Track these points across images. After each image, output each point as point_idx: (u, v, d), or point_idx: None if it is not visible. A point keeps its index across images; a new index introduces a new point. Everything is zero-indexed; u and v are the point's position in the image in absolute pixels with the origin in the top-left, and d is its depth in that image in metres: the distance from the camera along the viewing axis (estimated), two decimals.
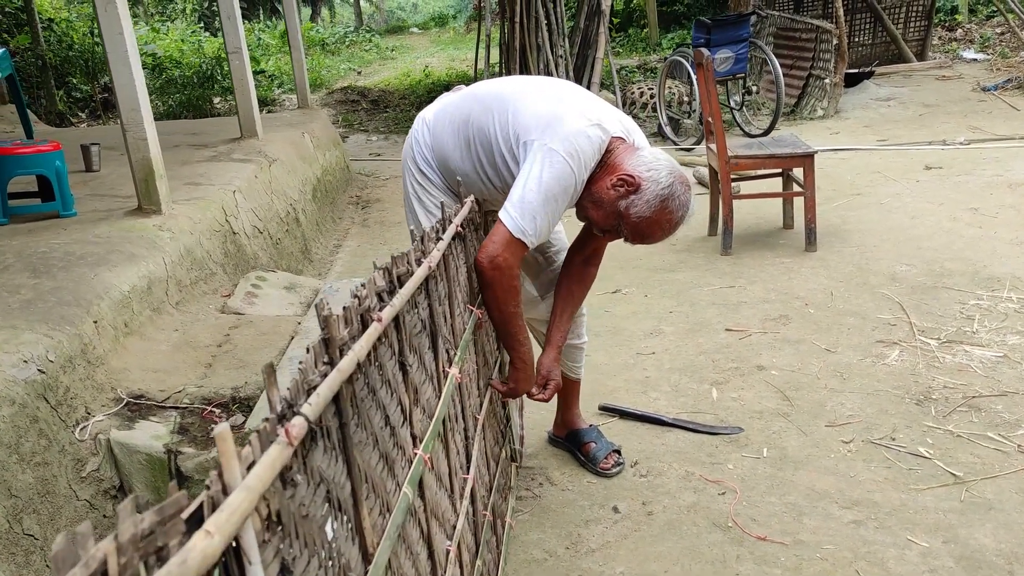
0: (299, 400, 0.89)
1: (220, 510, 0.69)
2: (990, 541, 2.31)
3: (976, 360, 3.28)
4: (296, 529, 0.87)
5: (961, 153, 6.44)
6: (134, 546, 0.60)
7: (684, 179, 2.17)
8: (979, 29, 11.96)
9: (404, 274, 1.39)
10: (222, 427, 0.72)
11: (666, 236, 2.20)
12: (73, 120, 10.58)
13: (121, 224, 3.55)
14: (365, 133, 9.79)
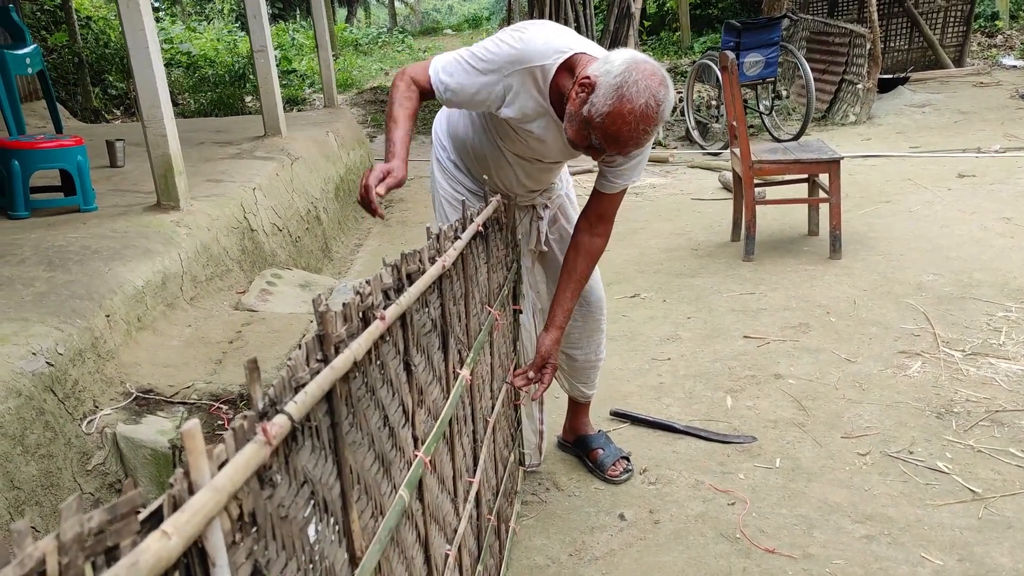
0: (284, 398, 0.87)
1: (181, 510, 0.66)
2: (1007, 560, 2.24)
3: (1001, 373, 3.19)
4: (274, 531, 0.85)
5: (995, 161, 6.31)
6: (79, 545, 0.57)
7: (646, 68, 1.90)
8: (1020, 35, 11.73)
9: (415, 272, 1.36)
10: (190, 424, 0.70)
11: (638, 133, 1.90)
12: (108, 117, 10.72)
13: (139, 219, 3.57)
14: None
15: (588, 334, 2.65)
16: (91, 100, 10.58)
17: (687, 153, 7.44)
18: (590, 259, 2.36)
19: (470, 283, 1.81)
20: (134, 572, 0.60)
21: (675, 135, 8.17)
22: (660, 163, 7.12)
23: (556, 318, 2.35)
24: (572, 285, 2.35)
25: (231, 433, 0.78)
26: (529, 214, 2.53)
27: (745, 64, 7.09)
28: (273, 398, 0.86)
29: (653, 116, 1.89)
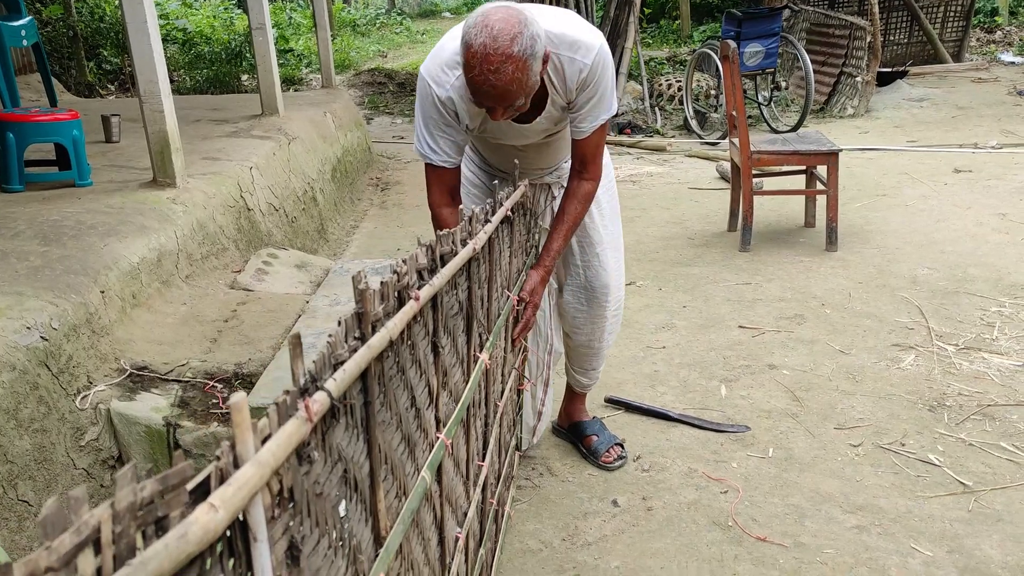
0: (324, 375, 0.87)
1: (228, 484, 0.66)
2: (996, 553, 2.25)
3: (994, 368, 3.21)
4: (309, 507, 0.85)
5: (992, 157, 6.32)
6: (131, 515, 0.57)
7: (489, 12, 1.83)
8: (1019, 32, 11.74)
9: (447, 253, 1.35)
10: (238, 396, 0.70)
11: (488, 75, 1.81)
12: (102, 92, 10.64)
13: (135, 196, 3.55)
14: (390, 116, 9.77)
15: (591, 319, 2.61)
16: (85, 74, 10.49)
17: (685, 142, 7.43)
18: (578, 200, 2.29)
19: (494, 267, 1.80)
20: (183, 544, 0.60)
21: (673, 124, 8.16)
22: (658, 152, 7.11)
23: (543, 257, 2.32)
24: (562, 228, 2.30)
25: (274, 408, 0.78)
26: (545, 192, 2.52)
27: (745, 54, 7.07)
28: (314, 374, 0.86)
29: (496, 55, 1.79)
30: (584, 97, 2.10)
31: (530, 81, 1.89)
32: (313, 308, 3.17)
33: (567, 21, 2.07)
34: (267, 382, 2.64)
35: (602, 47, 2.07)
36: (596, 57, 2.05)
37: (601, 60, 2.06)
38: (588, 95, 2.10)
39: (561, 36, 2.03)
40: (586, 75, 2.06)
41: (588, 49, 2.04)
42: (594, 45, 2.05)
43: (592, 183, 2.29)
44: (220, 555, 0.70)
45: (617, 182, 2.74)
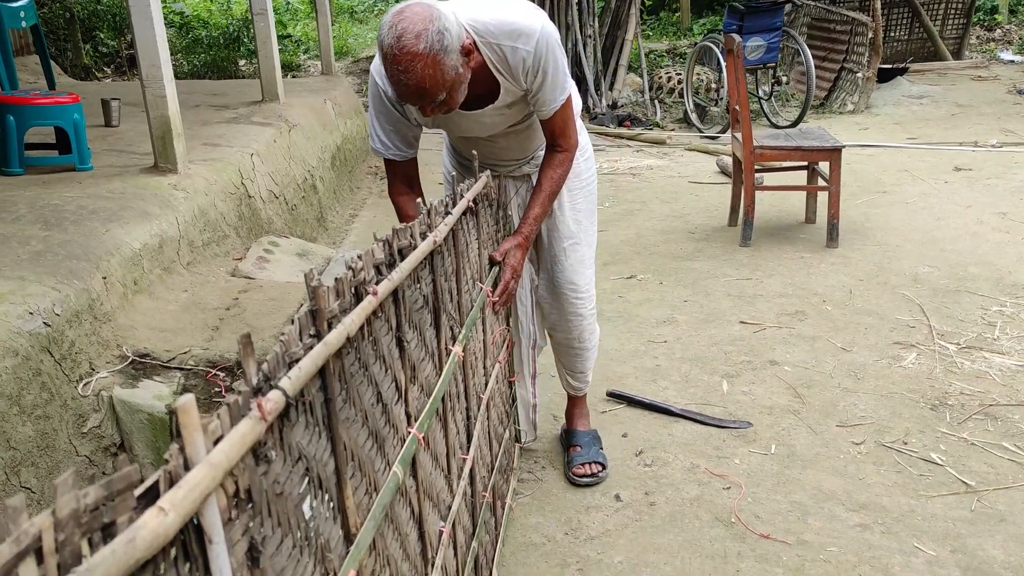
0: (278, 373, 0.85)
1: (178, 486, 0.65)
2: (999, 553, 2.26)
3: (995, 368, 3.21)
4: (269, 507, 0.83)
5: (992, 156, 6.32)
6: (75, 522, 0.56)
7: (401, 11, 1.85)
8: (1019, 30, 11.74)
9: (407, 247, 1.34)
10: (185, 399, 0.68)
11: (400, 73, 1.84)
12: (98, 75, 10.57)
13: (136, 181, 3.52)
14: None
15: (564, 317, 2.57)
16: (82, 57, 10.41)
17: (685, 135, 7.42)
18: (552, 168, 2.28)
19: (461, 259, 1.79)
20: (131, 549, 0.59)
21: (673, 117, 8.14)
22: (658, 144, 7.10)
23: (522, 225, 2.30)
24: (540, 195, 2.28)
25: (225, 409, 0.77)
26: (525, 184, 2.50)
27: (747, 48, 7.05)
28: (267, 373, 0.84)
29: (403, 54, 1.81)
30: (536, 83, 2.10)
31: (446, 76, 1.88)
32: None
33: (506, 7, 2.05)
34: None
35: (543, 30, 2.04)
36: (538, 42, 2.03)
37: (544, 44, 2.04)
38: (539, 81, 2.09)
39: (500, 25, 2.02)
40: (531, 62, 2.05)
41: (528, 35, 2.03)
42: (534, 30, 2.03)
43: (566, 153, 2.28)
44: (175, 559, 0.69)
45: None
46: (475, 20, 2.02)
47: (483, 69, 2.07)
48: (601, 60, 8.49)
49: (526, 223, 2.29)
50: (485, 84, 2.10)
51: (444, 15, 1.87)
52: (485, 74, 2.08)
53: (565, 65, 2.15)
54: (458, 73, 1.92)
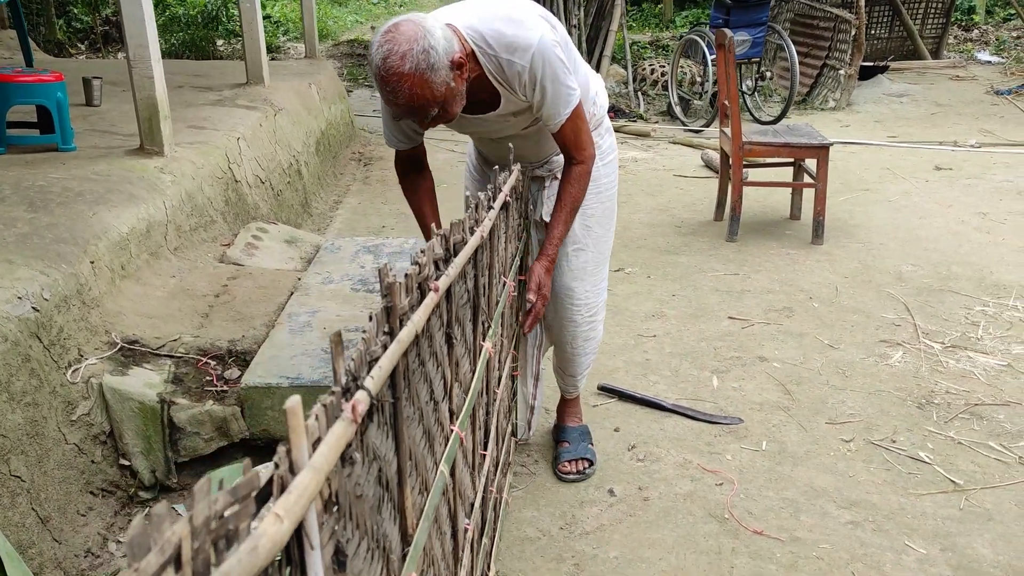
0: (362, 373, 0.84)
1: (288, 492, 0.63)
2: (988, 552, 2.29)
3: (980, 367, 3.26)
4: (350, 510, 0.82)
5: (971, 156, 6.39)
6: (207, 530, 0.55)
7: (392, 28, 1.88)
8: (995, 31, 11.87)
9: (459, 243, 1.33)
10: (292, 400, 0.67)
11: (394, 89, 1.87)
12: (71, 50, 10.38)
13: (122, 163, 3.46)
14: (370, 89, 9.63)
15: (557, 319, 2.55)
16: (55, 32, 10.21)
17: (669, 128, 7.43)
18: (572, 182, 2.26)
19: (494, 253, 1.78)
20: (254, 557, 0.58)
21: (656, 109, 8.15)
22: (642, 137, 7.10)
23: (546, 246, 2.29)
24: (562, 213, 2.27)
25: (323, 410, 0.75)
26: (538, 184, 2.49)
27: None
28: (354, 373, 0.83)
29: (390, 75, 1.85)
30: (536, 96, 2.07)
31: (435, 92, 1.89)
32: (306, 286, 3.12)
33: (504, 18, 2.02)
34: (262, 360, 2.59)
35: (538, 45, 2.00)
36: (533, 57, 2.00)
37: (540, 59, 2.01)
38: (539, 95, 2.07)
39: (497, 38, 2.00)
40: (527, 77, 2.03)
41: (524, 50, 2.00)
42: (530, 44, 2.00)
43: (582, 165, 2.25)
44: (279, 564, 0.68)
45: None
46: (474, 30, 2.01)
47: (483, 78, 2.06)
48: (586, 50, 8.47)
49: (551, 243, 2.28)
50: (487, 91, 2.09)
51: (431, 32, 1.87)
52: (486, 82, 2.07)
53: (566, 77, 2.08)
54: (449, 87, 1.92)
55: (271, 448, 2.54)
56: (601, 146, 2.40)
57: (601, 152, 2.40)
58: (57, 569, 2.10)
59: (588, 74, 2.36)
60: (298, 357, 2.61)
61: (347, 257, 3.39)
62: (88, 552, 2.21)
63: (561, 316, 2.53)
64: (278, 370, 2.53)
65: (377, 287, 3.06)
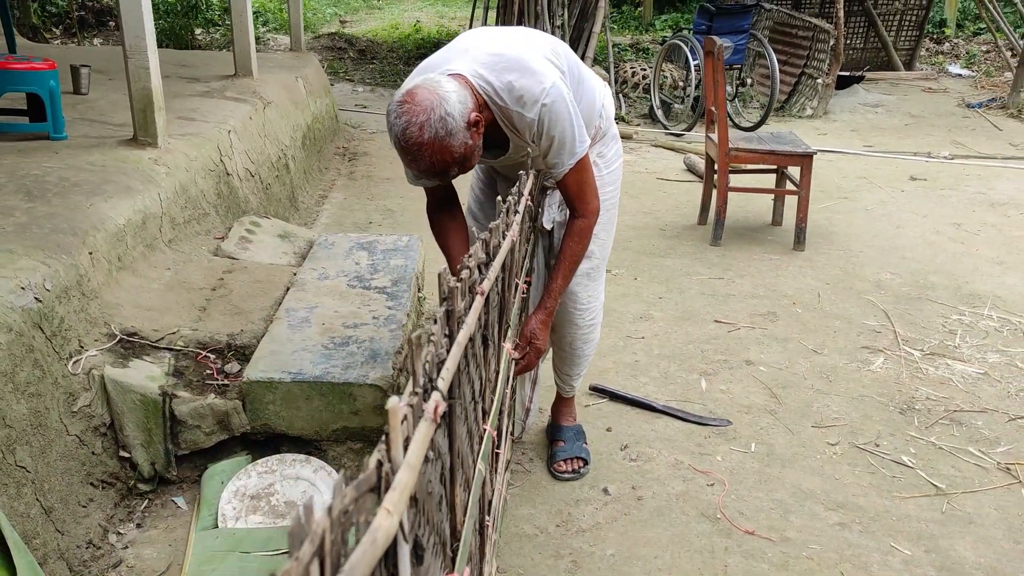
0: (434, 375, 0.88)
1: (393, 488, 0.67)
2: (970, 554, 2.37)
3: (958, 375, 3.35)
4: (423, 506, 0.86)
5: (945, 167, 6.54)
6: (339, 522, 0.59)
7: (408, 95, 1.94)
8: (966, 45, 12.11)
9: (496, 247, 1.37)
10: (392, 401, 0.71)
11: (413, 155, 1.95)
12: (47, 35, 10.23)
13: (115, 154, 3.44)
14: (351, 83, 9.61)
15: (561, 325, 2.59)
16: (30, 16, 10.06)
17: (650, 131, 7.50)
18: (573, 238, 2.29)
19: (514, 255, 1.82)
20: (374, 549, 0.62)
21: (637, 112, 8.22)
22: (624, 139, 7.16)
23: (545, 299, 2.33)
24: (561, 267, 2.31)
25: (410, 410, 0.79)
26: (542, 192, 2.53)
27: None
28: (430, 375, 0.87)
29: (410, 145, 1.92)
30: (543, 144, 2.11)
31: (454, 155, 1.96)
32: (302, 281, 3.14)
33: (514, 67, 2.05)
34: (263, 355, 2.61)
35: (547, 97, 2.03)
36: (541, 110, 2.04)
37: (548, 112, 2.04)
38: (546, 142, 2.11)
39: (507, 90, 2.04)
40: (535, 128, 2.07)
41: (532, 103, 2.04)
42: (537, 98, 2.03)
43: (585, 219, 2.28)
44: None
45: None
46: (485, 82, 2.05)
47: (494, 124, 2.10)
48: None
49: (550, 296, 2.31)
50: (497, 137, 2.14)
51: (446, 99, 1.92)
52: (496, 128, 2.12)
53: (573, 131, 2.11)
54: (467, 146, 1.98)
55: (271, 442, 2.56)
56: (606, 155, 2.45)
57: (606, 160, 2.45)
58: (60, 560, 2.10)
59: (595, 85, 2.39)
60: (299, 352, 2.62)
61: (341, 253, 3.41)
62: (90, 543, 2.22)
63: (563, 318, 2.56)
64: (280, 365, 2.54)
65: (373, 283, 3.08)
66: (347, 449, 2.56)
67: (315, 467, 2.50)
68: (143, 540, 2.29)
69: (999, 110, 8.48)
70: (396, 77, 9.71)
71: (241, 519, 2.33)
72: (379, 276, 3.20)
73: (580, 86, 2.25)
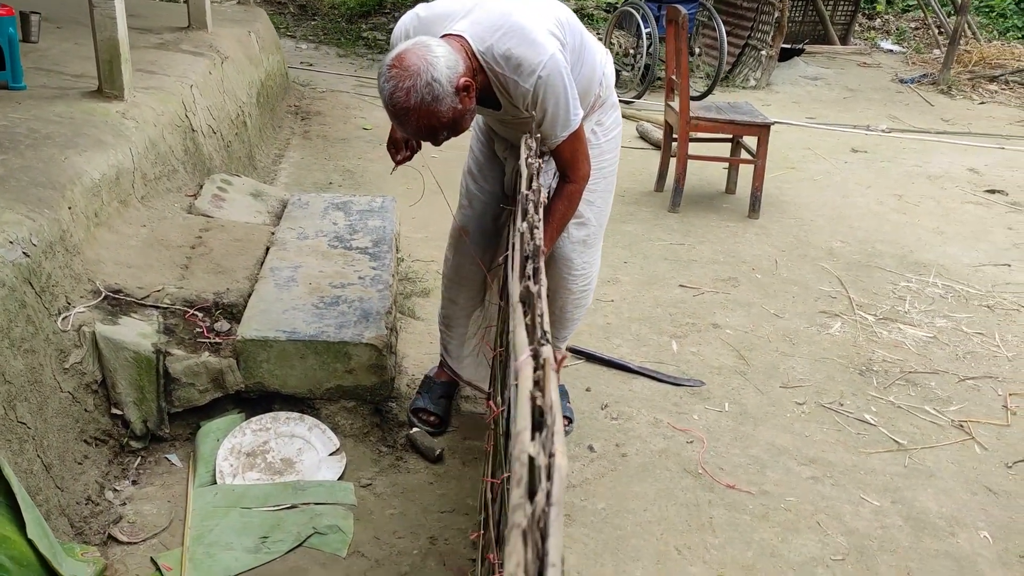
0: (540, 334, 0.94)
1: (556, 434, 0.72)
2: (933, 504, 2.54)
3: (909, 338, 3.54)
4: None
5: (883, 140, 6.78)
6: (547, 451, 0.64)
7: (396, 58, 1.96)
8: (896, 21, 12.48)
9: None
10: (546, 351, 0.75)
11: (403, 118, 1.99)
12: None
13: (81, 106, 3.34)
14: (293, 39, 9.39)
15: (555, 289, 2.62)
16: None
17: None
18: (562, 200, 2.32)
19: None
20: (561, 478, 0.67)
21: None
22: None
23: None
24: (549, 228, 2.31)
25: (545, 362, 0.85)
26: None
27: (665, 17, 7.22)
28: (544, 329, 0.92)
29: (397, 109, 1.96)
30: (537, 113, 2.12)
31: (442, 119, 2.00)
32: (282, 240, 3.12)
33: (516, 36, 2.05)
34: (254, 314, 2.60)
35: (544, 68, 2.04)
36: (537, 80, 2.04)
37: (544, 83, 2.05)
38: (539, 112, 2.11)
39: (505, 58, 2.05)
40: (529, 99, 2.09)
41: (529, 73, 2.04)
42: (534, 69, 2.03)
43: (576, 185, 2.31)
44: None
45: None
46: (485, 46, 2.05)
47: (488, 88, 2.12)
48: None
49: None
50: (491, 98, 2.16)
51: (434, 64, 1.93)
52: (490, 91, 2.13)
53: (568, 103, 2.12)
54: (456, 111, 2.00)
55: (263, 401, 2.57)
56: (604, 123, 2.49)
57: (604, 128, 2.49)
58: (62, 516, 2.09)
59: (596, 53, 2.40)
60: (289, 312, 2.62)
61: (317, 213, 3.39)
62: (88, 499, 2.20)
63: (557, 283, 2.61)
64: (273, 324, 2.54)
65: (354, 244, 3.09)
66: (340, 408, 2.59)
67: (309, 425, 2.52)
68: (141, 497, 2.29)
69: (930, 86, 8.80)
70: (339, 35, 9.53)
71: (238, 476, 2.35)
72: (359, 237, 3.20)
73: (582, 53, 2.28)
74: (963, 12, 8.70)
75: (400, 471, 2.51)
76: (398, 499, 2.39)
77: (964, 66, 9.37)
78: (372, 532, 2.24)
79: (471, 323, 2.73)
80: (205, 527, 2.17)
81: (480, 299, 2.70)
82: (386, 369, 2.58)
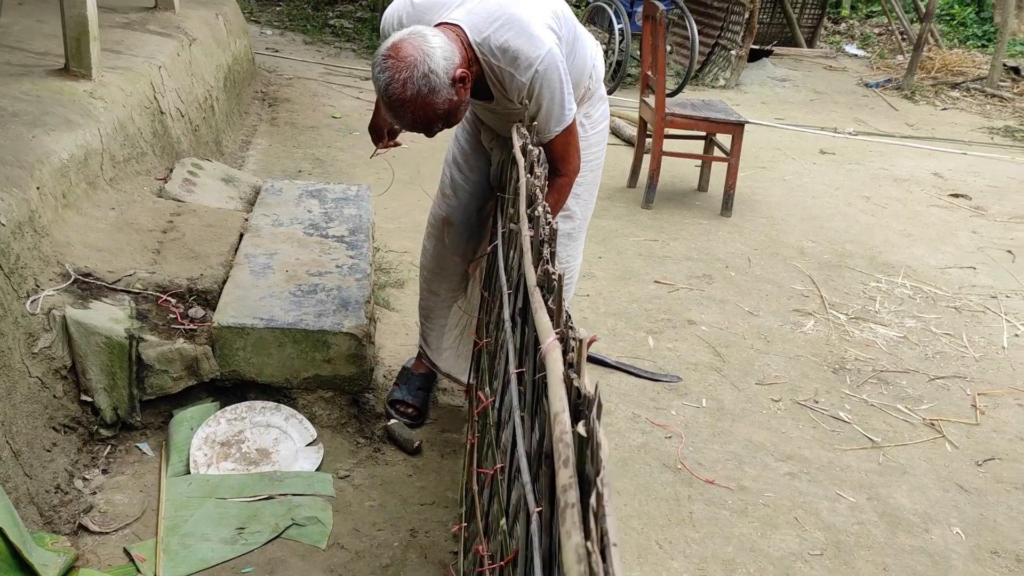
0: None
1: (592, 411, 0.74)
2: (907, 501, 2.57)
3: (880, 338, 3.57)
4: None
5: (850, 143, 6.87)
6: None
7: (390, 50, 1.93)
8: (860, 27, 12.66)
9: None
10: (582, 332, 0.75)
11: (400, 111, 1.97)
12: None
13: (48, 84, 3.23)
14: (258, 25, 9.24)
15: None
16: None
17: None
18: (552, 193, 2.25)
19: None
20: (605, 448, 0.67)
21: None
22: None
23: None
24: None
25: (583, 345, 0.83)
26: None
27: (637, 14, 7.24)
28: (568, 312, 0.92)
29: (394, 101, 1.94)
30: (532, 107, 2.09)
31: (438, 111, 1.98)
32: (256, 227, 3.05)
33: (513, 29, 2.03)
34: (230, 301, 2.54)
35: (541, 63, 2.01)
36: (534, 75, 2.02)
37: (540, 78, 2.03)
38: (534, 106, 2.09)
39: (502, 50, 2.02)
40: (525, 92, 2.07)
41: (526, 67, 2.02)
42: (532, 63, 2.01)
43: (567, 178, 2.29)
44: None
45: None
46: (482, 38, 2.03)
47: (482, 78, 2.09)
48: None
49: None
50: (484, 88, 2.13)
51: (430, 55, 1.90)
52: (483, 82, 2.10)
53: (563, 98, 2.09)
54: (452, 102, 1.98)
55: (237, 389, 2.51)
56: (592, 115, 2.47)
57: (592, 121, 2.46)
58: (31, 504, 2.01)
59: (587, 45, 2.38)
60: (266, 299, 2.57)
61: (291, 200, 3.33)
62: (57, 488, 2.13)
63: None
64: (249, 311, 2.48)
65: (330, 232, 3.03)
66: (317, 397, 2.54)
67: (285, 415, 2.47)
68: (111, 486, 2.22)
69: (895, 91, 8.94)
70: (305, 22, 9.40)
71: (213, 466, 2.29)
72: (335, 225, 3.14)
73: (575, 46, 2.25)
74: (928, 19, 8.84)
75: (378, 463, 2.47)
76: (377, 491, 2.35)
77: (927, 72, 9.53)
78: (352, 524, 2.20)
79: (451, 314, 2.69)
80: (179, 517, 2.11)
81: (462, 290, 2.67)
82: (365, 359, 2.53)
